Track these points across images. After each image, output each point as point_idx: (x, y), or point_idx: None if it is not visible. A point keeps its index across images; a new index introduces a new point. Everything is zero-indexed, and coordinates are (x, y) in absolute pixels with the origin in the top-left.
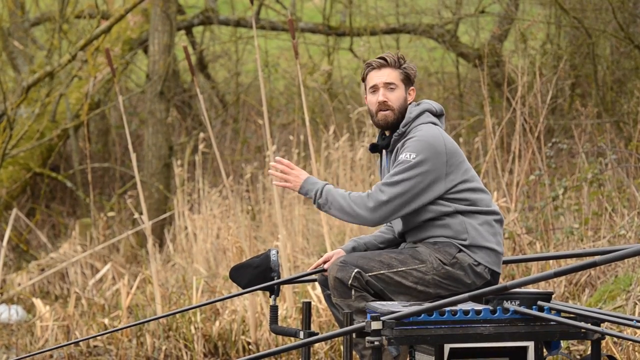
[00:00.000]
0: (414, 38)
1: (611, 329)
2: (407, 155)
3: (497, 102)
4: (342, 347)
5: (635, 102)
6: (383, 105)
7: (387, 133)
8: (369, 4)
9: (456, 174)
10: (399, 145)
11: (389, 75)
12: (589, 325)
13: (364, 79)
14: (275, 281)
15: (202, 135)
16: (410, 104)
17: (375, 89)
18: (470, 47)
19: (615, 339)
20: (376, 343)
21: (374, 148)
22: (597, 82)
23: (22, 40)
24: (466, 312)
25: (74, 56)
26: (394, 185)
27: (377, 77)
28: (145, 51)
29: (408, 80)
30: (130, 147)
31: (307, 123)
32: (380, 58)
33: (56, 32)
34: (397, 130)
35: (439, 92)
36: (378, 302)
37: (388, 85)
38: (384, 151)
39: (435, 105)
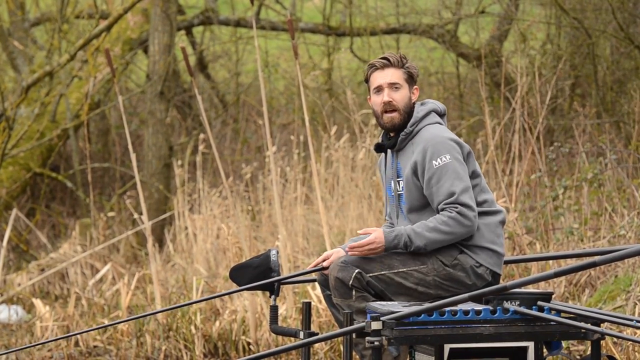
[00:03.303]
0: (414, 38)
1: (611, 329)
2: (439, 160)
3: (497, 102)
4: (342, 348)
5: (636, 101)
6: (388, 106)
7: (391, 134)
8: (369, 4)
9: (469, 164)
10: (408, 146)
11: (393, 75)
12: (588, 326)
13: (367, 80)
14: (273, 279)
15: (202, 136)
16: (414, 103)
17: (379, 89)
18: (470, 48)
19: (615, 339)
20: (376, 343)
21: (379, 148)
22: (597, 82)
23: (22, 40)
24: (466, 313)
25: (73, 56)
26: (467, 190)
27: (381, 77)
28: (145, 51)
29: (411, 80)
30: (130, 147)
31: (307, 123)
32: (383, 58)
33: (56, 32)
34: (405, 130)
35: (439, 92)
36: (378, 302)
37: (393, 85)
38: (389, 151)
39: (440, 106)
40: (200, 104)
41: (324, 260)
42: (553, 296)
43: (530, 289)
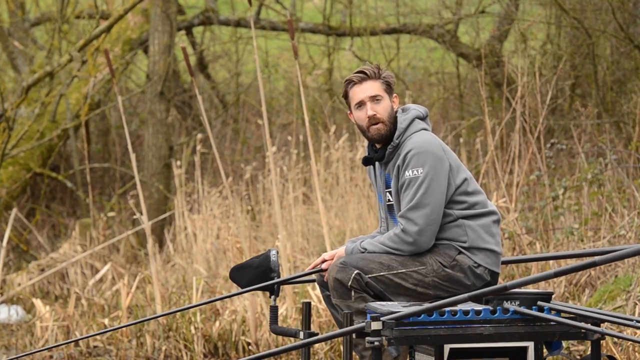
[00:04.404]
0: (414, 38)
1: (611, 329)
2: (413, 172)
3: (497, 102)
4: (342, 348)
5: (635, 102)
6: (373, 119)
7: (377, 145)
8: (369, 4)
9: (457, 174)
10: (395, 156)
11: (372, 87)
12: (588, 326)
13: (345, 96)
14: (274, 281)
15: (200, 136)
16: (396, 111)
17: (361, 104)
18: (470, 48)
19: (615, 339)
20: (376, 343)
21: (367, 161)
22: (597, 82)
23: (22, 40)
24: (466, 313)
25: (82, 56)
26: (419, 207)
27: (361, 91)
28: (145, 51)
29: (390, 89)
30: (130, 147)
31: (307, 123)
32: (359, 72)
33: (56, 33)
34: (391, 142)
35: (439, 93)
36: (378, 303)
37: (374, 99)
38: (377, 163)
39: (421, 110)
40: (201, 104)
41: (323, 262)
42: (553, 296)
43: (530, 289)
